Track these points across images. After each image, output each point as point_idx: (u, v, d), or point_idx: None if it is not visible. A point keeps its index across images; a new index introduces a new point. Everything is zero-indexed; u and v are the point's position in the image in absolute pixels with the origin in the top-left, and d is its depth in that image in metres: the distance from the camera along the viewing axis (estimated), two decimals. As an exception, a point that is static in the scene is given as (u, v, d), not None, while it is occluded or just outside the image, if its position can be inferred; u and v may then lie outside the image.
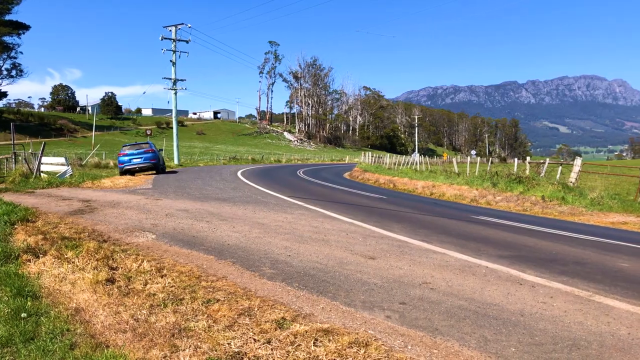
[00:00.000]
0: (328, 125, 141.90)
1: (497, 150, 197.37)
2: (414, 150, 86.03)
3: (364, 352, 3.30)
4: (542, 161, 21.22)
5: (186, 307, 4.21)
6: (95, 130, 58.17)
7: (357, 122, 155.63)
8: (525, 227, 10.27)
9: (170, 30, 39.01)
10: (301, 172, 34.84)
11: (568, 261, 6.64)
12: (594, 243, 8.45)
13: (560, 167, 19.21)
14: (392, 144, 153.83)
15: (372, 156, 48.68)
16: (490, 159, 42.46)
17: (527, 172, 19.61)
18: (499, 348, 3.51)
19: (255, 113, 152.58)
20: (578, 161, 18.03)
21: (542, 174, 19.04)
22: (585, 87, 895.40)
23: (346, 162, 77.37)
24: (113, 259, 5.76)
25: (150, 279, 5.08)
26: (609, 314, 4.35)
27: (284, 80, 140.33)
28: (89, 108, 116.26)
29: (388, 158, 43.24)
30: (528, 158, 24.66)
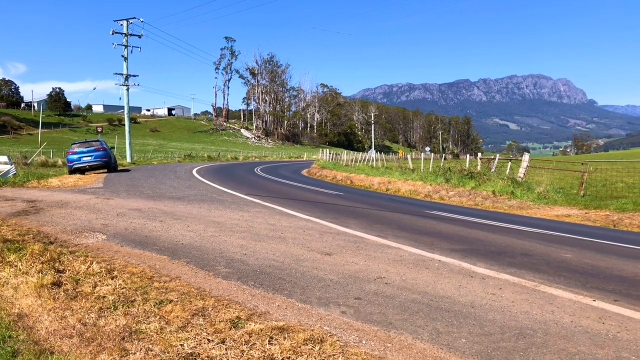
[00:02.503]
0: (286, 122, 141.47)
1: (451, 146, 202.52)
2: (370, 147, 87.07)
3: (319, 349, 3.31)
4: (492, 157, 21.95)
5: (137, 309, 4.10)
6: (42, 128, 55.68)
7: (315, 119, 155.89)
8: (477, 221, 10.59)
9: (122, 24, 37.79)
10: (259, 170, 34.59)
11: (516, 253, 6.90)
12: (540, 235, 8.82)
13: (510, 163, 19.93)
14: (349, 141, 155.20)
15: (329, 153, 48.92)
16: (444, 155, 43.57)
17: (479, 167, 20.24)
18: (450, 340, 3.60)
19: (211, 110, 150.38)
20: (526, 157, 18.76)
21: (493, 170, 19.69)
22: (533, 85, 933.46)
23: (304, 159, 77.43)
24: (60, 261, 5.53)
25: (99, 281, 4.91)
26: (553, 303, 4.54)
27: (241, 76, 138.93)
28: (35, 104, 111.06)
29: (345, 155, 43.61)
30: (479, 154, 25.44)
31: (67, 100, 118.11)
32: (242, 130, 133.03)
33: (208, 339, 3.48)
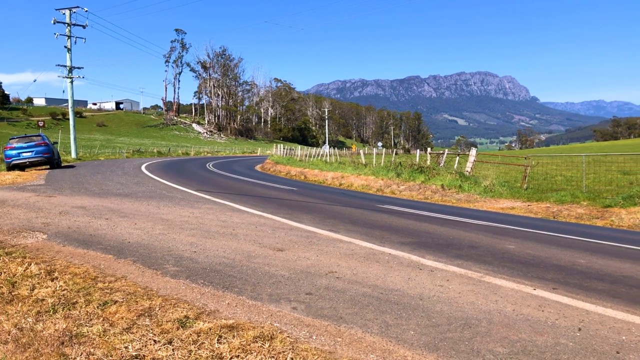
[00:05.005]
0: (239, 117, 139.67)
1: (402, 141, 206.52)
2: (324, 142, 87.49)
3: (269, 346, 3.29)
4: (441, 152, 22.53)
5: (79, 312, 3.92)
6: (-23, 121, 52.44)
7: (269, 114, 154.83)
8: (426, 215, 10.85)
9: (64, 14, 36.06)
10: (211, 165, 34.01)
11: (463, 245, 7.11)
12: (486, 228, 9.14)
13: (458, 157, 20.52)
14: (303, 136, 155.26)
15: (284, 148, 48.74)
16: (395, 150, 44.37)
17: (428, 162, 20.73)
18: (399, 332, 3.66)
19: (161, 104, 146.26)
20: (473, 151, 19.38)
21: (442, 164, 20.22)
22: (480, 82, 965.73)
23: (258, 154, 76.81)
24: (-6, 263, 5.21)
25: (38, 283, 4.66)
26: (497, 292, 4.71)
27: (192, 70, 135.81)
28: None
29: (299, 150, 43.54)
30: (429, 149, 26.07)
31: (5, 92, 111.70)
32: (194, 125, 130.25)
33: (154, 340, 3.37)
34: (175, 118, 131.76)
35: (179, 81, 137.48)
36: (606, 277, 5.48)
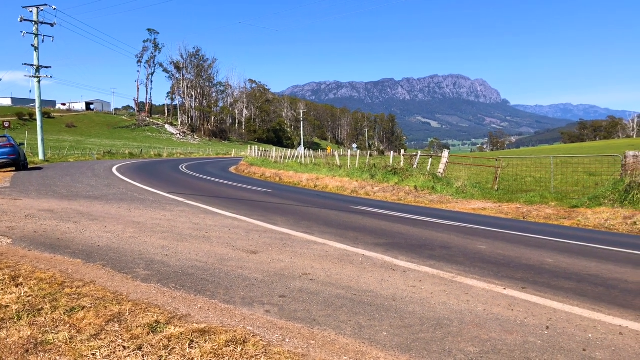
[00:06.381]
0: (213, 118, 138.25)
1: (377, 143, 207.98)
2: (300, 144, 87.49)
3: (241, 350, 3.25)
4: (414, 154, 22.78)
5: (45, 318, 3.81)
6: (-62, 122, 50.48)
7: (244, 115, 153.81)
8: (400, 216, 10.94)
9: (32, 11, 35.13)
10: (184, 167, 33.59)
11: (436, 246, 7.20)
12: (458, 228, 9.27)
13: (431, 159, 20.79)
14: (278, 138, 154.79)
15: (258, 150, 48.48)
16: (370, 151, 44.72)
17: (402, 164, 20.92)
18: (372, 333, 3.67)
19: (133, 104, 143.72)
20: (445, 153, 19.65)
21: (415, 166, 20.44)
22: (453, 85, 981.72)
23: (232, 156, 76.20)
24: (-45, 269, 5.01)
25: (2, 289, 4.51)
26: (468, 293, 4.78)
27: (165, 70, 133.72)
28: None
29: (274, 152, 43.40)
30: (403, 151, 26.34)
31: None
32: (167, 126, 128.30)
33: (123, 346, 3.30)
34: (147, 119, 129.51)
35: (151, 82, 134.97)
36: (573, 276, 5.63)
